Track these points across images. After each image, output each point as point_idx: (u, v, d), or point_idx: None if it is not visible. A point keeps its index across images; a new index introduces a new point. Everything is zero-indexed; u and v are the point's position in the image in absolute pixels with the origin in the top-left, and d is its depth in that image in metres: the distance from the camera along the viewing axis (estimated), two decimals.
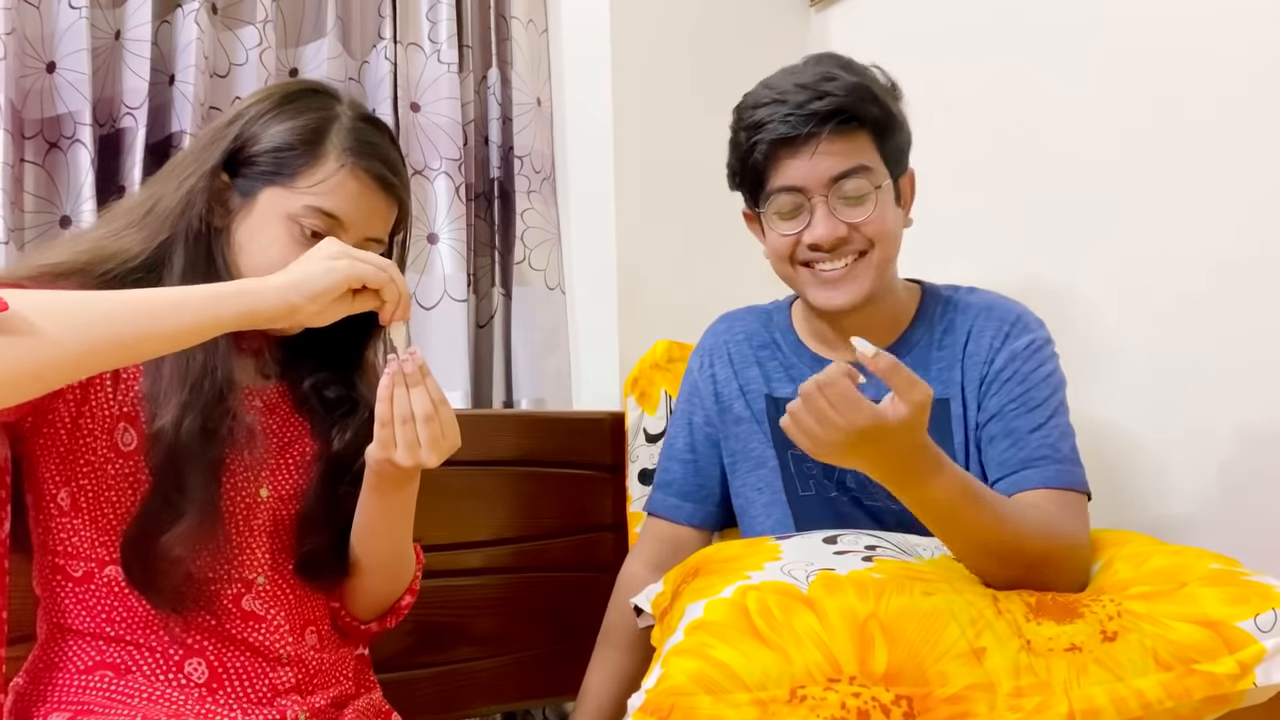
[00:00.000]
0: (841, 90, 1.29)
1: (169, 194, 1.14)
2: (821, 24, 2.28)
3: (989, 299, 1.41)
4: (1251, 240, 1.51)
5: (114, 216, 1.16)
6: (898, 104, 1.36)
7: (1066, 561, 1.19)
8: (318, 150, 1.14)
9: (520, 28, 2.08)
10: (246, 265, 1.14)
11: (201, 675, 1.12)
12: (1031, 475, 1.27)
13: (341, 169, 1.14)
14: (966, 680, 1.00)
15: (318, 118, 1.16)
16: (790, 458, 1.43)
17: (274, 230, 1.13)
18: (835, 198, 1.31)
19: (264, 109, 1.16)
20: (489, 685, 1.69)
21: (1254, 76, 1.51)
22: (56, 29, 1.65)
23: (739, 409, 1.48)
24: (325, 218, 1.13)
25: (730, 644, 1.05)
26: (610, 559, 1.79)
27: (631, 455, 1.79)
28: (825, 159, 1.29)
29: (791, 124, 1.29)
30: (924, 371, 1.35)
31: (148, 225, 1.13)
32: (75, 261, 1.09)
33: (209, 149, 1.15)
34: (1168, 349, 1.61)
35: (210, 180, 1.13)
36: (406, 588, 1.32)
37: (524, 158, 2.06)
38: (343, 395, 1.26)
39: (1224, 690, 0.99)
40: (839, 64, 1.34)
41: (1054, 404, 1.31)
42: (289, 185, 1.13)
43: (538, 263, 2.06)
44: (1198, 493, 1.57)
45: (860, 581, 1.10)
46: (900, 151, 1.36)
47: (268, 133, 1.15)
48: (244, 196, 1.15)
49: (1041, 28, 1.81)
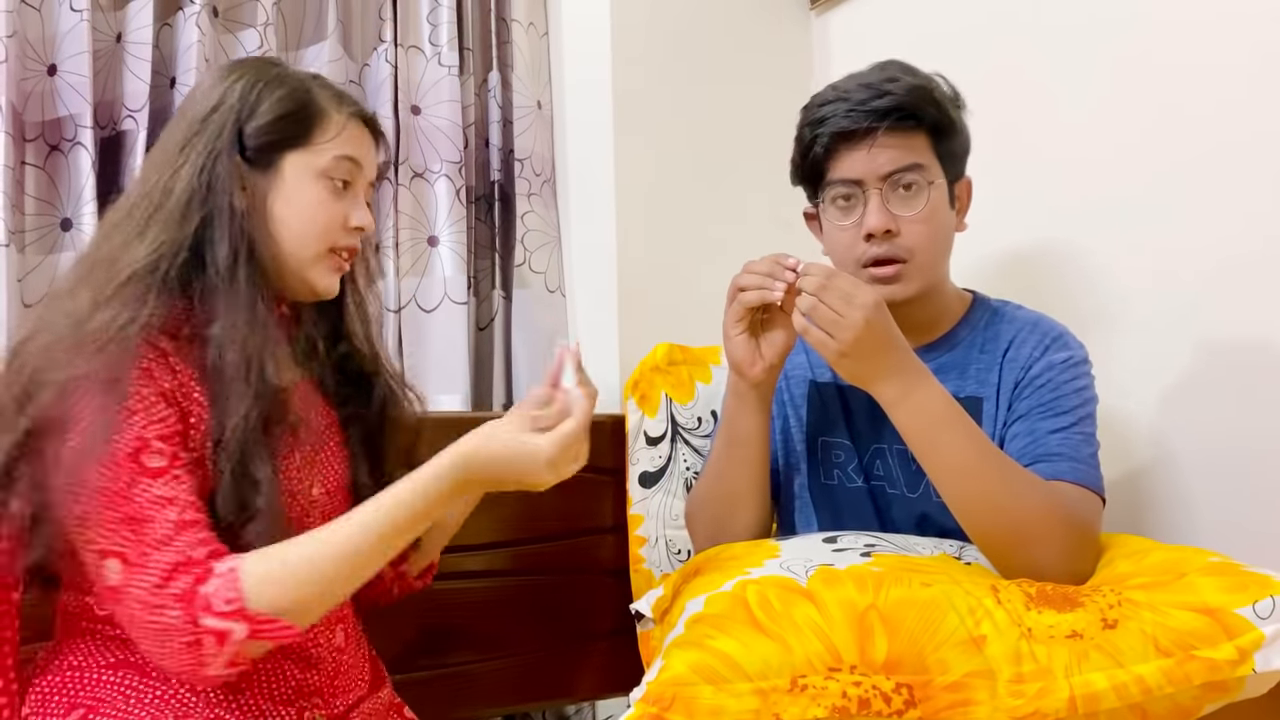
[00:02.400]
0: (902, 90, 1.34)
1: (180, 182, 1.13)
2: (822, 27, 2.29)
3: (1036, 315, 1.44)
4: (1255, 238, 1.51)
5: (124, 216, 1.15)
6: (958, 111, 1.41)
7: (1065, 537, 1.20)
8: (316, 108, 1.19)
9: (521, 31, 2.09)
10: (288, 232, 1.18)
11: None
12: (1043, 468, 1.28)
13: (348, 118, 1.21)
14: (967, 668, 1.00)
15: (293, 81, 1.20)
16: (819, 444, 1.47)
17: (312, 190, 1.19)
18: (889, 190, 1.35)
19: (244, 88, 1.17)
20: (489, 688, 1.69)
21: (1255, 79, 1.52)
22: (58, 31, 1.65)
23: (783, 390, 1.51)
24: (351, 162, 1.21)
25: (731, 635, 1.05)
26: (611, 561, 1.79)
27: (632, 458, 1.79)
28: (883, 153, 1.34)
29: (853, 119, 1.34)
30: (963, 370, 1.40)
31: (170, 213, 1.12)
32: (134, 271, 1.09)
33: (205, 135, 1.15)
34: (1169, 347, 1.61)
35: (229, 161, 1.14)
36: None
37: (524, 160, 2.07)
38: (358, 370, 1.32)
39: (1223, 676, 0.99)
40: (903, 69, 1.39)
41: (1080, 414, 1.33)
42: (308, 145, 1.18)
43: (538, 265, 2.06)
44: (1205, 495, 1.57)
45: (859, 575, 1.11)
46: (957, 157, 1.40)
47: (263, 107, 1.16)
48: (266, 170, 1.17)
49: (1042, 31, 1.82)
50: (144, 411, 1.04)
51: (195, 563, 1.00)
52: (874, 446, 1.43)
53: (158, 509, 1.01)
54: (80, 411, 1.01)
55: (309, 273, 1.20)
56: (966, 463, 1.21)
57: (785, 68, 2.26)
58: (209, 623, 0.98)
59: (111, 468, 1.01)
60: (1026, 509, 1.19)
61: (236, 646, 0.99)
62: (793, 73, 2.26)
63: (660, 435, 1.79)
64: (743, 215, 2.10)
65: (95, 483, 1.00)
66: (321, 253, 1.20)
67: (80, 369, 1.02)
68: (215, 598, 0.98)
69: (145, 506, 1.01)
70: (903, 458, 1.39)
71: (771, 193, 1.50)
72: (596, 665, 1.77)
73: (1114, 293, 1.69)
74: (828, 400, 1.48)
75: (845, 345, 1.19)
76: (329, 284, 1.22)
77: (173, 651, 0.99)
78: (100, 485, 1.00)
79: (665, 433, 1.79)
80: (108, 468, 1.00)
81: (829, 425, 1.47)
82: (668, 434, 1.79)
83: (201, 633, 0.98)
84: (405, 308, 1.94)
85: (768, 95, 2.16)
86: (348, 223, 1.21)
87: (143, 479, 1.01)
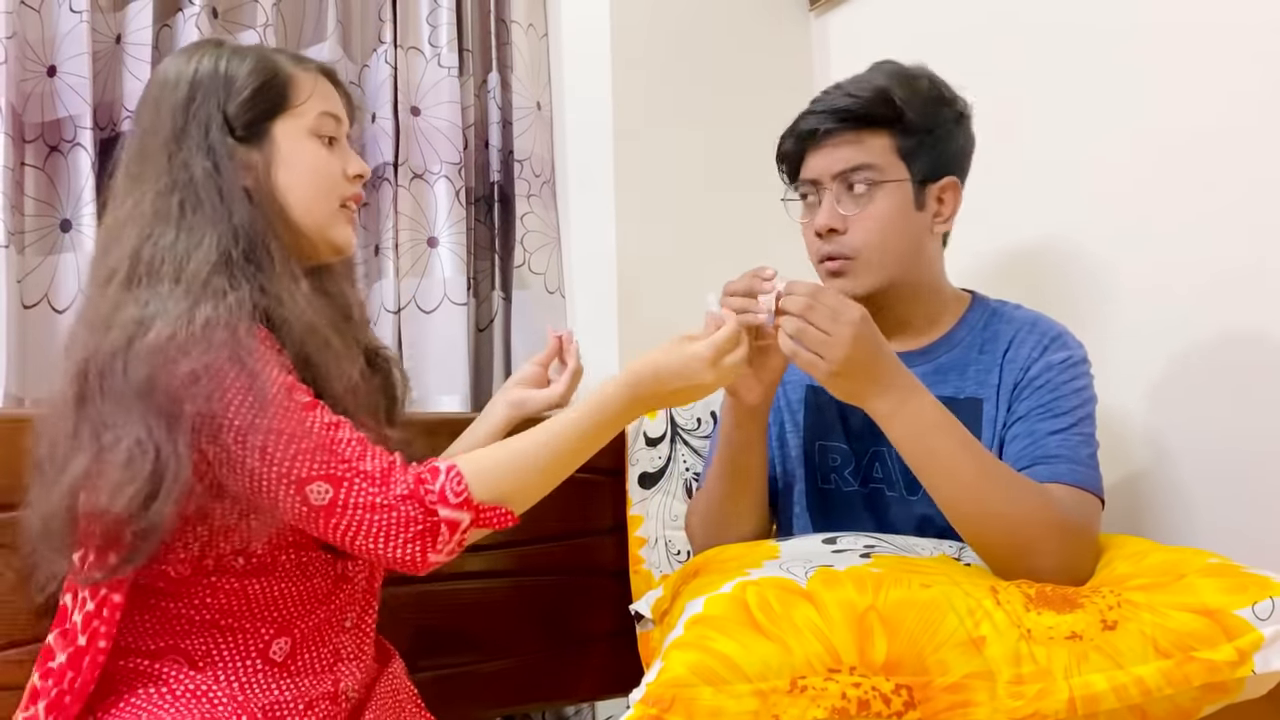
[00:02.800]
0: (864, 92, 1.37)
1: (197, 172, 1.15)
2: (821, 28, 2.29)
3: (1034, 315, 1.44)
4: (1254, 240, 1.51)
5: (155, 216, 1.15)
6: (943, 112, 1.40)
7: (1062, 542, 1.20)
8: (285, 73, 1.21)
9: (520, 32, 2.09)
10: (298, 196, 1.21)
11: (281, 654, 1.17)
12: (1041, 470, 1.28)
13: (317, 76, 1.24)
14: (966, 669, 1.00)
15: (252, 53, 1.22)
16: (817, 449, 1.48)
17: (308, 152, 1.22)
18: (841, 190, 1.38)
19: (211, 67, 1.19)
20: (489, 689, 1.69)
21: (1263, 78, 1.52)
22: (57, 33, 1.65)
23: (779, 397, 1.51)
24: (332, 118, 1.24)
25: (730, 636, 1.05)
26: (610, 562, 1.79)
27: (631, 459, 1.79)
28: (835, 153, 1.38)
29: (810, 120, 1.40)
30: (963, 371, 1.41)
31: (205, 204, 1.14)
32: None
33: (195, 123, 1.16)
34: (1168, 350, 1.61)
35: (224, 144, 1.16)
36: None
37: (524, 161, 2.07)
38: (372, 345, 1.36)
39: (1223, 677, 0.99)
40: (890, 71, 1.41)
41: (1079, 415, 1.33)
42: (291, 109, 1.21)
43: (537, 266, 2.06)
44: (1205, 498, 1.57)
45: (858, 576, 1.11)
46: (930, 158, 1.39)
47: (238, 83, 1.18)
48: (259, 144, 1.19)
49: (1042, 29, 1.82)
50: (276, 363, 1.10)
51: (403, 466, 1.12)
52: (873, 449, 1.43)
53: (336, 430, 1.10)
54: (226, 394, 1.05)
55: (329, 231, 1.24)
56: (962, 472, 1.20)
57: (785, 68, 2.26)
58: (444, 513, 1.10)
59: (276, 412, 1.07)
60: (1023, 516, 1.19)
61: (464, 534, 1.11)
62: (792, 73, 2.26)
63: (660, 436, 1.79)
64: (742, 216, 2.09)
65: (268, 427, 1.06)
66: (334, 208, 1.24)
67: (203, 361, 1.05)
68: (447, 490, 1.10)
69: (324, 431, 1.09)
70: (902, 460, 1.39)
71: (770, 193, 1.50)
72: (596, 666, 1.77)
73: (1113, 295, 1.69)
74: (824, 405, 1.48)
75: (836, 365, 1.18)
76: (348, 237, 1.27)
77: (403, 543, 1.09)
78: (273, 428, 1.06)
79: (665, 433, 1.79)
80: (273, 414, 1.07)
81: (826, 430, 1.47)
82: (667, 435, 1.79)
83: (438, 522, 1.09)
84: (405, 309, 1.94)
85: (767, 96, 2.16)
86: (347, 172, 1.25)
87: (307, 412, 1.09)
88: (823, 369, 1.19)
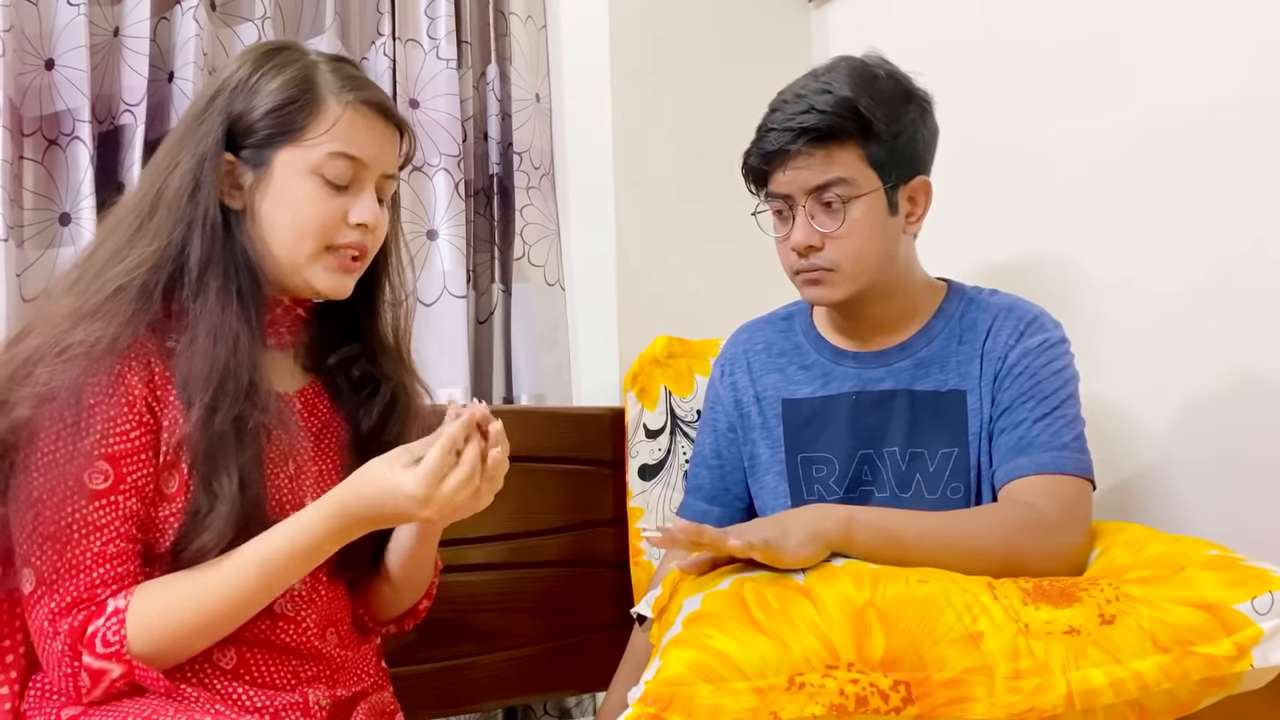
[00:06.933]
0: (827, 105, 1.34)
1: (171, 183, 1.11)
2: (821, 21, 2.28)
3: (1010, 300, 1.44)
4: (1247, 240, 1.51)
5: (118, 222, 1.14)
6: (908, 110, 1.37)
7: (1046, 542, 1.22)
8: (315, 97, 1.13)
9: (519, 24, 2.08)
10: (278, 235, 1.14)
11: (230, 662, 1.13)
12: (1025, 462, 1.30)
13: (346, 108, 1.14)
14: (964, 664, 1.01)
15: (299, 68, 1.15)
16: (799, 461, 1.46)
17: (300, 189, 1.13)
18: (815, 205, 1.36)
19: (244, 75, 1.14)
20: (490, 680, 1.69)
21: (1250, 76, 1.51)
22: (55, 26, 1.65)
23: (754, 415, 1.51)
24: (347, 160, 1.14)
25: (728, 633, 1.05)
26: (611, 554, 1.80)
27: (631, 451, 1.79)
28: (805, 169, 1.35)
29: (775, 138, 1.36)
30: (944, 364, 1.40)
31: (159, 220, 1.11)
32: (121, 287, 1.08)
33: (199, 130, 1.13)
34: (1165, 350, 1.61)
35: (215, 161, 1.11)
36: (425, 593, 1.34)
37: (523, 154, 2.06)
38: (367, 372, 1.28)
39: (1221, 672, 0.99)
40: (847, 73, 1.37)
41: (1061, 397, 1.33)
42: (300, 140, 1.13)
43: (537, 259, 2.06)
44: (1197, 487, 1.57)
45: (855, 572, 1.11)
46: (899, 161, 1.37)
47: (259, 97, 1.13)
48: (257, 168, 1.13)
49: (1041, 26, 1.81)
50: (101, 428, 1.05)
51: (93, 600, 1.04)
52: (861, 453, 1.42)
53: (83, 534, 1.04)
54: (45, 425, 1.03)
55: (306, 273, 1.15)
56: (931, 546, 1.19)
57: (783, 60, 2.24)
58: (88, 661, 1.03)
59: (55, 482, 1.03)
60: (1002, 540, 1.20)
61: (110, 684, 1.04)
62: (791, 65, 2.22)
63: (660, 428, 1.79)
64: (741, 207, 2.09)
65: (37, 492, 1.03)
66: (316, 251, 1.14)
67: (51, 383, 1.03)
68: (98, 639, 1.03)
69: (73, 528, 1.04)
70: (895, 459, 1.39)
71: None
72: (597, 658, 1.77)
73: (1109, 295, 1.68)
74: (805, 415, 1.47)
75: (794, 560, 1.14)
76: (332, 284, 1.17)
77: (59, 677, 1.05)
78: (39, 496, 1.03)
79: (665, 425, 1.79)
80: (52, 481, 1.03)
81: (808, 441, 1.46)
82: (667, 426, 1.79)
83: (80, 669, 1.03)
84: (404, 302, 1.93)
85: (766, 87, 2.12)
86: (348, 218, 1.15)
87: (79, 499, 1.04)
88: (784, 565, 1.15)
